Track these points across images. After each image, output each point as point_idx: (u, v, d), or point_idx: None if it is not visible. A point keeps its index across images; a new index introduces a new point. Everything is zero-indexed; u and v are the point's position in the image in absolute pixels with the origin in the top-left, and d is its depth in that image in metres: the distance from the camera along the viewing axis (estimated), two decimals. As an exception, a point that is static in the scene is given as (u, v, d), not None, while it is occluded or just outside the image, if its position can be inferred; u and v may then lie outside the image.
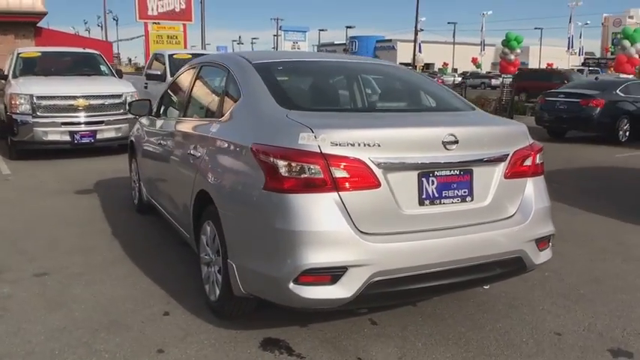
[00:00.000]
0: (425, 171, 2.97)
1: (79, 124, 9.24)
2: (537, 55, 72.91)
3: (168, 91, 5.16)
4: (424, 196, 2.97)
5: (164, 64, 11.55)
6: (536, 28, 53.97)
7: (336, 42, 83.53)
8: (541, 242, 3.35)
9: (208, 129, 3.66)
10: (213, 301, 3.50)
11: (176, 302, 3.77)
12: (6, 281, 4.12)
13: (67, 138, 9.19)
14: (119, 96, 9.56)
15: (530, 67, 55.10)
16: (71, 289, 4.00)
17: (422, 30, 59.66)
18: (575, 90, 13.40)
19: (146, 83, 11.64)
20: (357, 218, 2.78)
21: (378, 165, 2.83)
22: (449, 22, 79.57)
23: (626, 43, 17.30)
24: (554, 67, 47.69)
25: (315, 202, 2.75)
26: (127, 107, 5.43)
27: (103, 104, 9.40)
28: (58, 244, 4.99)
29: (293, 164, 2.75)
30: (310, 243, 2.71)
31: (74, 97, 9.20)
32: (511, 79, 19.48)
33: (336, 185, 2.76)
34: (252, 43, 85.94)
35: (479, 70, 62.33)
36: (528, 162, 3.33)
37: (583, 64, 51.27)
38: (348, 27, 71.94)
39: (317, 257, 2.71)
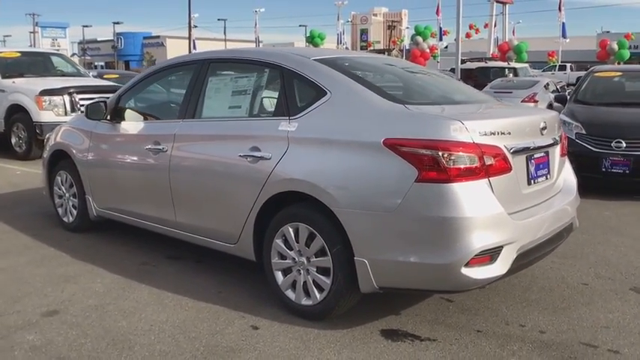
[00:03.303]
0: (529, 154, 3.34)
1: None
2: (305, 51, 77.45)
3: (139, 93, 4.64)
4: (530, 177, 3.34)
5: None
6: (300, 25, 57.70)
7: (99, 39, 78.06)
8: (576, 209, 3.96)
9: (276, 128, 3.47)
10: (308, 305, 3.37)
11: (251, 315, 3.51)
12: (16, 328, 3.36)
13: None
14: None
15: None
16: (111, 322, 3.44)
17: (196, 27, 59.16)
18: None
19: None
20: (500, 200, 3.01)
21: (510, 151, 3.10)
22: (219, 19, 79.70)
23: (419, 39, 19.71)
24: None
25: (476, 188, 2.92)
26: (84, 111, 4.68)
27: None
28: (24, 278, 4.15)
29: (453, 155, 2.87)
30: (478, 227, 2.87)
31: None
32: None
33: (487, 172, 2.96)
34: (3, 40, 75.32)
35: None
36: (565, 143, 3.90)
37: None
38: (115, 23, 67.64)
39: (485, 240, 2.89)
